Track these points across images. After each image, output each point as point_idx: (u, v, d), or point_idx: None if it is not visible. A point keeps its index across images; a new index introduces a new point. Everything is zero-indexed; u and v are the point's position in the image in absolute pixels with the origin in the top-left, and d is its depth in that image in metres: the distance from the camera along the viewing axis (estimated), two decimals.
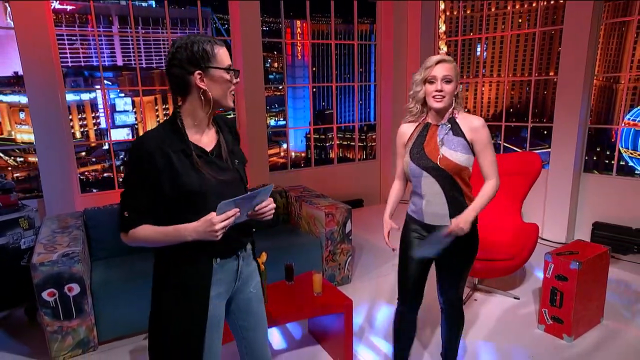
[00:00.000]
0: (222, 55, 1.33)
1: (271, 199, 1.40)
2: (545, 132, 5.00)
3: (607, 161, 6.24)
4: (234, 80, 1.36)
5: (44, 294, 2.40)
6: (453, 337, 2.14)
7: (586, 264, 2.51)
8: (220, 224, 1.22)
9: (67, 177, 4.04)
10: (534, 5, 5.36)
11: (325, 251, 3.34)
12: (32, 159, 4.42)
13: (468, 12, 6.63)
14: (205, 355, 1.38)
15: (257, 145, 4.92)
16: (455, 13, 5.89)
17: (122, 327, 2.70)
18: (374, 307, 3.10)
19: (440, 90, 1.73)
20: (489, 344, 2.62)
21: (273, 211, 1.40)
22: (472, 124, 1.78)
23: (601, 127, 6.40)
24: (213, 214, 1.23)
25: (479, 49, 5.32)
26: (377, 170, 6.05)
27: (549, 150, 4.48)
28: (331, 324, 2.48)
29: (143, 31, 4.97)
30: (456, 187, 1.79)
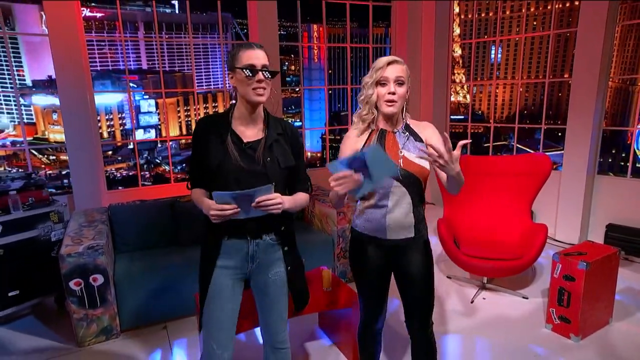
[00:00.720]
0: (243, 56, 1.47)
1: (277, 195, 1.44)
2: (559, 134, 4.90)
3: (622, 163, 6.07)
4: (256, 78, 1.45)
5: (71, 284, 2.50)
6: None
7: (594, 265, 2.47)
8: (213, 212, 1.41)
9: (95, 174, 4.17)
10: (549, 7, 5.25)
11: (337, 248, 3.36)
12: (63, 157, 4.59)
13: (482, 15, 6.56)
14: (204, 314, 1.59)
15: None
16: (469, 16, 5.83)
17: (142, 317, 2.78)
18: None
19: (393, 93, 1.58)
20: (495, 341, 2.60)
21: (279, 206, 1.44)
22: (427, 129, 1.69)
23: (616, 129, 6.22)
24: (213, 202, 1.42)
25: (493, 52, 5.26)
26: None
27: (563, 152, 4.40)
28: (340, 319, 2.50)
29: (167, 36, 5.09)
30: (422, 195, 1.69)
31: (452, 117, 5.79)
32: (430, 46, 5.45)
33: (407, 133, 1.67)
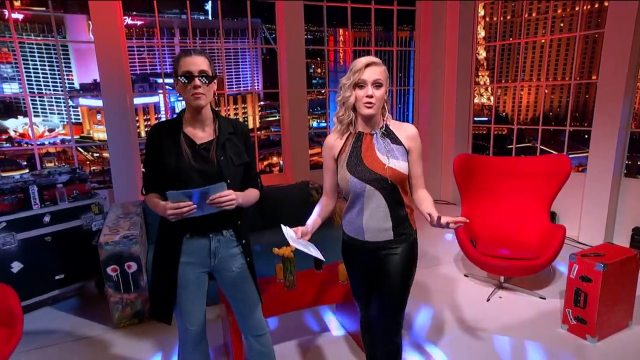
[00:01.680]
0: (182, 64, 1.50)
1: (230, 192, 1.48)
2: (586, 137, 4.73)
3: None
4: (192, 84, 1.48)
5: (108, 269, 2.65)
6: None
7: (612, 267, 2.39)
8: (170, 211, 1.43)
9: (132, 170, 4.37)
10: (576, 9, 5.06)
11: None
12: (105, 154, 4.83)
13: (508, 17, 6.39)
14: (177, 307, 1.65)
15: (298, 144, 5.05)
16: (494, 19, 5.69)
17: None
18: None
19: (371, 96, 1.52)
20: (509, 339, 2.55)
21: (232, 202, 1.48)
22: (408, 132, 1.62)
23: None
24: (169, 202, 1.44)
25: (518, 54, 5.12)
26: None
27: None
28: (355, 310, 2.52)
29: (200, 41, 5.26)
30: (398, 198, 1.60)
31: (475, 118, 5.69)
32: (454, 48, 5.38)
33: (386, 133, 1.61)
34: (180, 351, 1.76)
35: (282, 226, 1.50)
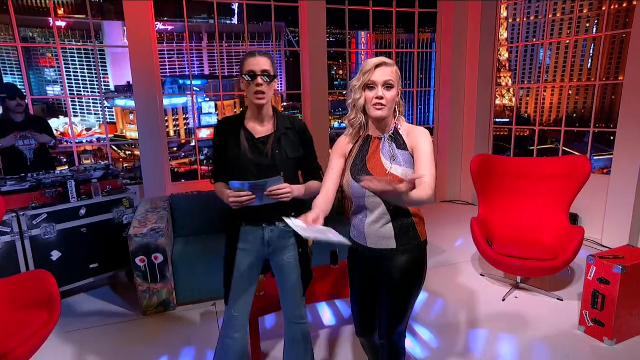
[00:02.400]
0: (246, 64, 1.60)
1: (286, 185, 1.58)
2: (612, 138, 4.56)
3: None
4: (255, 82, 1.58)
5: (137, 260, 2.77)
6: None
7: (631, 269, 2.31)
8: (231, 199, 1.55)
9: (161, 168, 4.53)
10: (603, 9, 4.89)
11: None
12: (137, 152, 5.01)
13: (532, 18, 6.23)
14: (231, 290, 1.75)
15: (319, 144, 5.05)
16: (517, 20, 5.56)
17: (196, 293, 3.00)
18: None
19: (381, 98, 1.42)
20: (523, 339, 2.50)
21: (288, 194, 1.57)
22: (414, 134, 1.48)
23: None
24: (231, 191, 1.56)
25: (542, 55, 4.99)
26: None
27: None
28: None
29: (226, 44, 5.39)
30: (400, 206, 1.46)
31: (497, 120, 5.57)
32: (476, 50, 5.29)
33: (393, 138, 1.50)
34: (221, 335, 1.83)
35: (285, 218, 1.35)
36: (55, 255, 2.99)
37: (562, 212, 3.13)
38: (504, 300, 2.98)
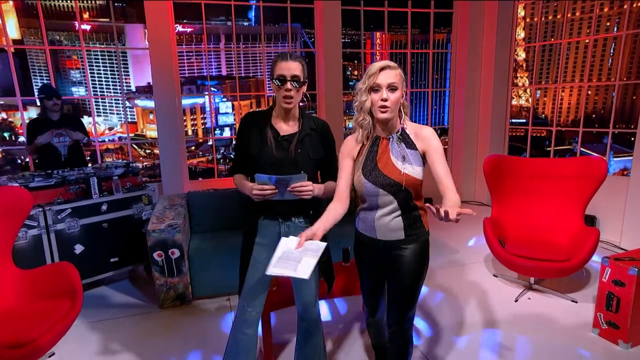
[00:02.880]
0: (277, 67, 1.62)
1: (309, 183, 1.60)
2: (632, 139, 4.44)
3: None
4: (284, 87, 1.61)
5: (155, 255, 2.84)
6: None
7: None
8: (255, 191, 1.58)
9: (179, 166, 4.62)
10: (624, 7, 4.75)
11: None
12: (157, 151, 5.13)
13: (550, 17, 6.10)
14: (244, 282, 1.78)
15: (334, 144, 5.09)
16: (535, 19, 5.45)
17: (210, 288, 3.06)
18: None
19: (385, 100, 1.48)
20: (535, 340, 2.47)
21: (310, 192, 1.59)
22: (422, 134, 1.55)
23: None
24: (255, 183, 1.58)
25: (560, 54, 4.89)
26: None
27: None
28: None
29: (243, 46, 5.46)
30: (411, 201, 1.57)
31: (513, 120, 5.48)
32: (491, 49, 5.22)
33: (402, 138, 1.57)
34: (233, 330, 1.84)
35: (283, 239, 1.53)
36: (79, 248, 3.09)
37: (577, 213, 3.07)
38: (516, 301, 2.95)
